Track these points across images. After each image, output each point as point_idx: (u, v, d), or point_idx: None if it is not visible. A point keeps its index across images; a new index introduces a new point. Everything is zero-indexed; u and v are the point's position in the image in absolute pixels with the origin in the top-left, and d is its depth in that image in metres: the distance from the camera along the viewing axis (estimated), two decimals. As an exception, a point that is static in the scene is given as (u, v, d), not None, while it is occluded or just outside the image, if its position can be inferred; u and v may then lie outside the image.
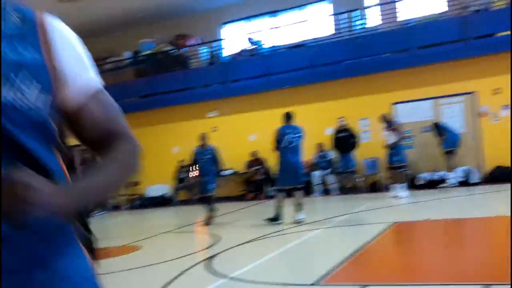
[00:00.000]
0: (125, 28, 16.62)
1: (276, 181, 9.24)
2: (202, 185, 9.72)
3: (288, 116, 8.71)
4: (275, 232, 7.82)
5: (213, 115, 14.68)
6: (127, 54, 16.33)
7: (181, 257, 6.69)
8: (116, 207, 15.07)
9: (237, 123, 14.25)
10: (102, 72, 10.95)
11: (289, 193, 8.64)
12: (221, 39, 15.47)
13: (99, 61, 16.89)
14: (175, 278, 5.48)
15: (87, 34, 17.70)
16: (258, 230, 8.18)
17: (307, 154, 10.33)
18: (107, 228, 11.87)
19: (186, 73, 14.79)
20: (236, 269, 5.59)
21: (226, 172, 14.02)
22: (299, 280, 4.97)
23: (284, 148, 8.49)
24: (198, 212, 12.66)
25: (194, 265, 6.03)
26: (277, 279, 5.09)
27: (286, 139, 8.47)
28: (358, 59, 12.62)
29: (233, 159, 13.94)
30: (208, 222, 9.51)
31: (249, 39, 14.59)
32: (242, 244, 7.25)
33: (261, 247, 7.06)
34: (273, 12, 15.61)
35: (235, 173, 13.96)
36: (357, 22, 13.79)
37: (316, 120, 12.63)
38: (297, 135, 8.56)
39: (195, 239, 8.80)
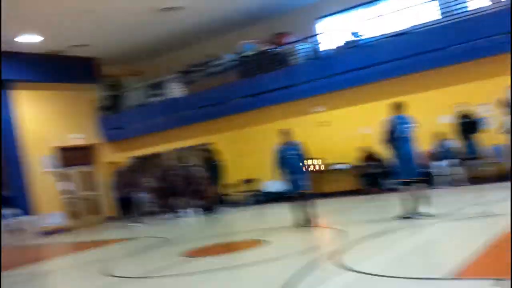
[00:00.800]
0: (224, 32, 17.27)
1: (394, 174, 9.03)
2: (293, 183, 9.56)
3: (398, 106, 8.61)
4: (401, 226, 7.81)
5: (320, 111, 14.85)
6: (228, 56, 16.95)
7: (307, 251, 6.92)
8: (237, 203, 15.74)
9: (345, 117, 14.33)
10: (206, 76, 11.72)
11: (409, 185, 8.42)
12: (319, 34, 15.54)
13: (204, 65, 17.76)
14: (302, 271, 5.73)
15: (189, 40, 18.82)
16: (381, 224, 8.20)
17: (423, 144, 10.11)
18: (232, 223, 12.46)
19: (289, 71, 15.07)
20: (364, 263, 5.74)
21: (340, 167, 14.16)
22: (430, 274, 4.99)
23: (398, 139, 8.38)
24: (319, 207, 12.94)
25: (320, 259, 6.25)
26: (408, 273, 5.17)
27: (399, 130, 8.43)
28: (467, 43, 12.14)
29: (344, 153, 14.06)
30: (308, 222, 9.27)
31: (353, 32, 14.55)
32: (367, 238, 7.34)
33: (387, 241, 7.08)
34: (370, 2, 15.48)
35: (348, 167, 14.02)
36: (462, 5, 13.28)
37: (427, 110, 12.32)
38: (409, 125, 8.48)
39: (320, 233, 8.98)
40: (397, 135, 8.38)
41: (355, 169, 13.95)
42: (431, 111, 12.50)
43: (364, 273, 5.33)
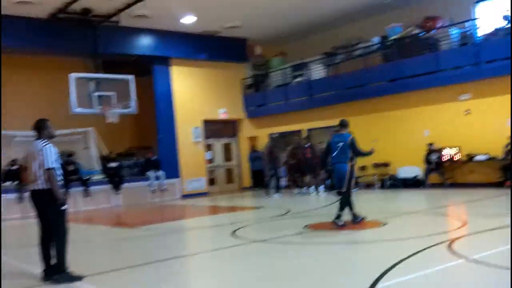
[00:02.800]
0: (373, 14, 17.07)
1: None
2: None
3: None
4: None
5: (465, 98, 14.15)
6: (375, 39, 16.76)
7: (423, 236, 6.94)
8: (368, 186, 15.83)
9: (491, 106, 13.48)
10: (352, 58, 11.91)
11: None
12: (473, 19, 14.66)
13: (349, 47, 17.80)
14: (414, 254, 5.82)
15: (336, 22, 18.99)
16: (505, 218, 7.86)
17: None
18: (358, 204, 12.62)
19: (436, 56, 14.50)
20: (476, 253, 5.65)
21: (481, 158, 13.44)
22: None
23: None
24: (448, 195, 12.61)
25: (435, 245, 6.25)
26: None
27: None
28: None
29: (489, 144, 13.29)
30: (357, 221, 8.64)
31: (504, 16, 13.52)
32: (487, 230, 7.13)
33: (506, 235, 6.83)
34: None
35: (491, 159, 13.26)
36: None
37: None
38: None
39: (440, 221, 8.85)
40: None
41: (498, 162, 13.09)
42: None
43: (475, 261, 5.31)
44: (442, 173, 14.29)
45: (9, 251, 7.96)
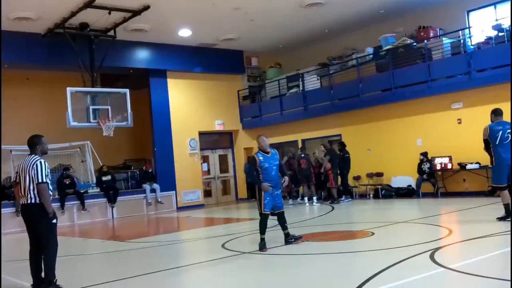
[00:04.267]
0: (366, 24, 17.25)
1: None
2: None
3: None
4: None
5: (457, 107, 14.27)
6: (369, 49, 16.92)
7: (409, 245, 7.02)
8: (362, 195, 15.92)
9: (483, 115, 13.56)
10: (346, 68, 12.07)
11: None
12: (465, 28, 14.81)
13: (343, 58, 17.97)
14: (396, 263, 5.91)
15: (330, 34, 19.09)
16: (492, 226, 7.96)
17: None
18: (349, 214, 12.75)
19: (428, 65, 14.64)
20: (458, 261, 5.76)
21: (472, 166, 13.51)
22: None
23: None
24: (439, 205, 12.69)
25: (418, 254, 6.34)
26: (487, 272, 5.17)
27: None
28: None
29: (480, 153, 13.30)
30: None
31: (494, 26, 13.67)
32: (473, 239, 7.23)
33: (489, 244, 6.96)
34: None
35: (482, 167, 13.34)
36: None
37: None
38: None
39: (429, 230, 8.92)
40: None
41: (488, 170, 13.15)
42: None
43: (453, 270, 5.40)
44: (434, 182, 14.38)
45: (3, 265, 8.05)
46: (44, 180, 5.75)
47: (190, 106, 18.96)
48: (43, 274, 5.84)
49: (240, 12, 15.11)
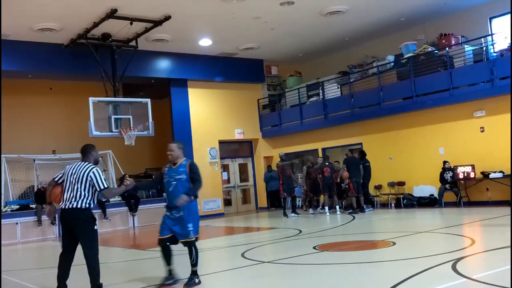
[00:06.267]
0: (387, 32, 17.17)
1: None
2: None
3: None
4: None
5: (480, 115, 14.08)
6: (390, 57, 16.82)
7: (431, 255, 6.92)
8: (384, 205, 15.77)
9: (506, 123, 13.37)
10: (366, 76, 12.05)
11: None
12: (487, 35, 14.63)
13: (363, 66, 17.90)
14: (418, 273, 5.83)
15: (351, 41, 19.09)
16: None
17: None
18: (371, 224, 12.63)
19: (450, 73, 14.49)
20: (480, 272, 5.66)
21: (496, 175, 13.30)
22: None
23: None
24: (462, 214, 12.50)
25: (440, 264, 6.25)
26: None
27: None
28: None
29: (504, 161, 13.15)
30: None
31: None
32: (496, 249, 7.09)
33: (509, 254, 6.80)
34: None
35: (506, 176, 13.11)
36: None
37: None
38: None
39: (451, 240, 8.79)
40: None
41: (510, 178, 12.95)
42: None
43: (475, 280, 5.32)
44: (457, 191, 14.18)
45: (24, 274, 8.17)
46: (106, 186, 5.95)
47: (210, 115, 19.06)
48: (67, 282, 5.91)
49: (260, 21, 15.19)
